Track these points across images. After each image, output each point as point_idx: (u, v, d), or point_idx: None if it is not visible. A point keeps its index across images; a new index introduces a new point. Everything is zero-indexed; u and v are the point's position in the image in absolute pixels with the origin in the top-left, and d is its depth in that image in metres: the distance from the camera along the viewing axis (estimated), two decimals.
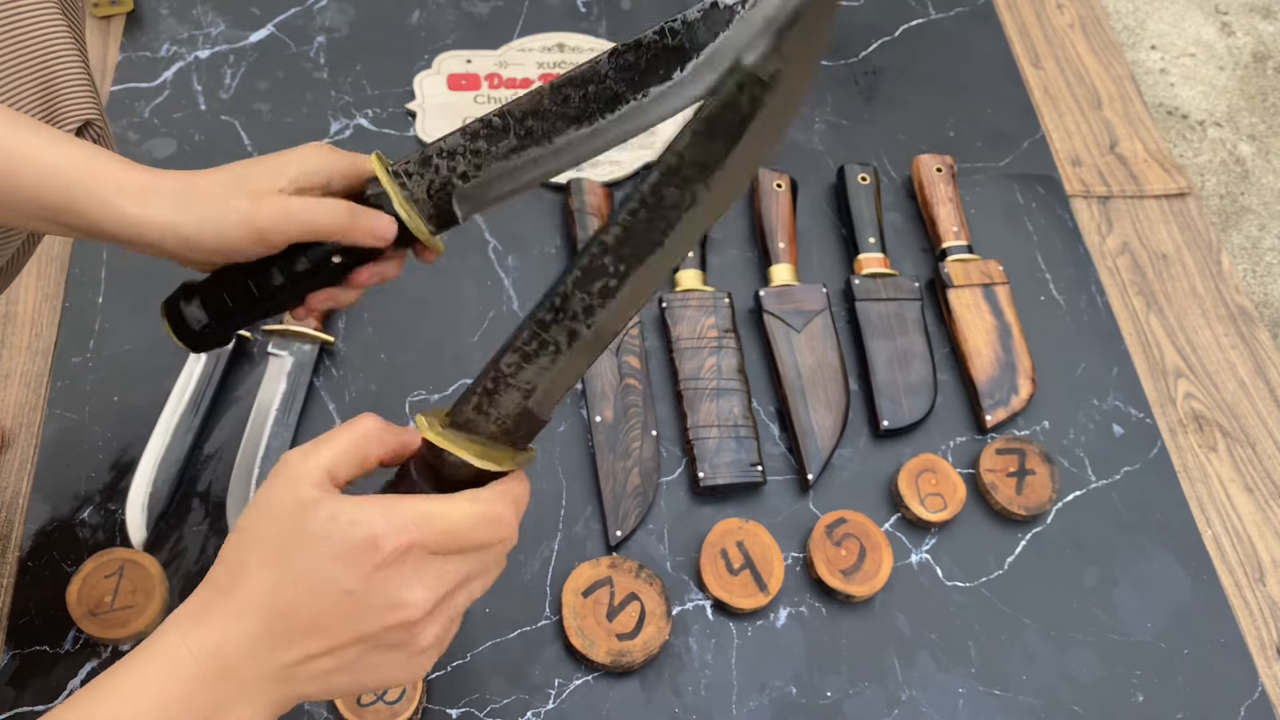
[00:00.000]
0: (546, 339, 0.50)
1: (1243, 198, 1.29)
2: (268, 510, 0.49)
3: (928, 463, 0.91)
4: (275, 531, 0.48)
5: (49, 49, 0.67)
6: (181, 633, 0.47)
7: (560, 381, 0.51)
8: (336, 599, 0.47)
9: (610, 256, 0.48)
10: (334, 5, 1.18)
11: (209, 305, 0.67)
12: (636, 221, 0.46)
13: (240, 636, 0.47)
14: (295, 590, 0.47)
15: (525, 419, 0.52)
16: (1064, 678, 0.85)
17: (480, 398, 0.52)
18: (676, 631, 0.84)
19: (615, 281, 0.48)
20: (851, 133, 1.15)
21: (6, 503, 0.85)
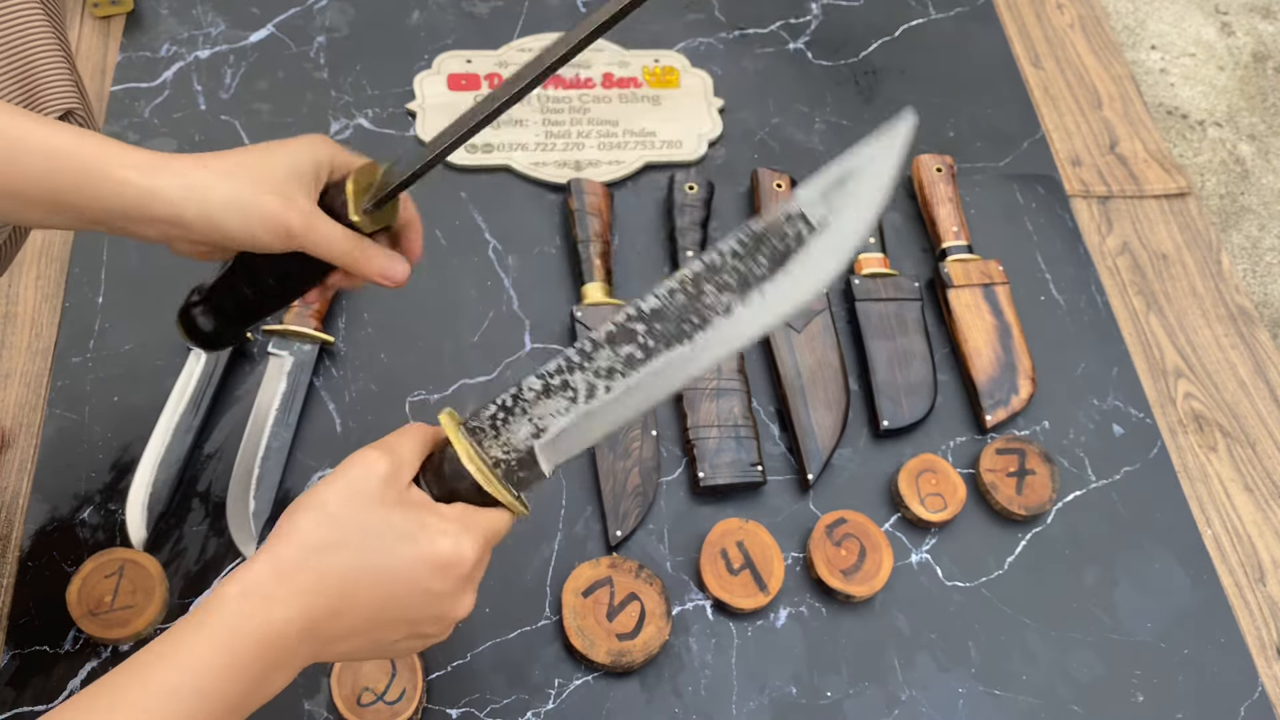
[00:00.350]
0: (569, 381, 0.53)
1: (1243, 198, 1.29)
2: (358, 498, 0.52)
3: (928, 463, 0.91)
4: (359, 520, 0.52)
5: (26, 40, 0.66)
6: (251, 606, 0.50)
7: (569, 437, 0.54)
8: (413, 594, 0.52)
9: (642, 325, 0.52)
10: (334, 5, 1.18)
11: (214, 309, 0.70)
12: (673, 302, 0.51)
13: (307, 617, 0.50)
14: (372, 579, 0.51)
15: (529, 462, 0.54)
16: (1064, 678, 0.85)
17: (498, 411, 0.54)
18: (676, 631, 0.84)
19: (642, 354, 0.52)
20: (851, 133, 1.15)
21: (6, 503, 0.85)
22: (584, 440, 0.54)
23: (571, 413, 0.53)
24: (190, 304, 0.71)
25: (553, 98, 1.13)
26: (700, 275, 0.51)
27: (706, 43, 1.20)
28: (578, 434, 0.54)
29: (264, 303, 0.69)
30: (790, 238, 0.49)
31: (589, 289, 0.97)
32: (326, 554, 0.51)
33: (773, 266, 0.49)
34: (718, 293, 0.50)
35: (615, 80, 1.15)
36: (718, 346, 0.51)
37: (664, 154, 1.10)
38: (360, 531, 0.52)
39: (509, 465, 0.55)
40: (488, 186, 1.07)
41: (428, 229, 1.02)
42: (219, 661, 0.48)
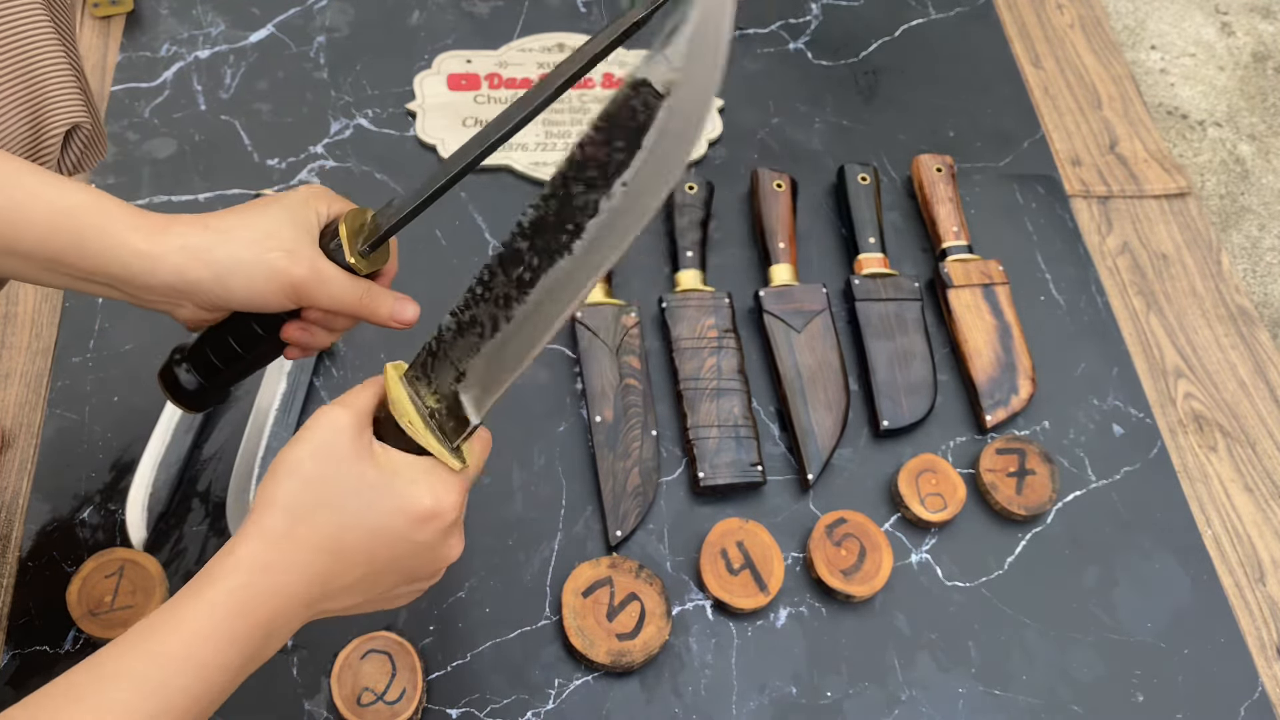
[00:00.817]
0: (475, 315, 0.51)
1: (1243, 198, 1.29)
2: (331, 457, 0.53)
3: (928, 463, 0.91)
4: (340, 477, 0.53)
5: (35, 53, 0.67)
6: (246, 577, 0.51)
7: (488, 376, 0.52)
8: (397, 547, 0.54)
9: (525, 243, 0.49)
10: (334, 5, 1.18)
11: (199, 367, 0.69)
12: (547, 211, 0.47)
13: (302, 580, 0.52)
14: (358, 536, 0.53)
15: (456, 409, 0.53)
16: (1064, 678, 0.85)
17: (425, 356, 0.54)
18: (676, 631, 0.84)
19: (529, 274, 0.49)
20: (851, 133, 1.15)
21: (6, 503, 0.85)
22: (499, 377, 0.52)
23: (483, 349, 0.52)
24: (173, 361, 0.70)
25: None
26: (566, 175, 0.47)
27: None
28: (493, 372, 0.52)
29: (252, 361, 0.69)
30: (640, 111, 0.44)
31: None
32: (311, 516, 0.52)
33: (629, 149, 0.44)
34: (585, 192, 0.46)
35: (615, 80, 1.15)
36: (596, 255, 0.47)
37: None
38: (339, 490, 0.53)
39: (441, 415, 0.54)
40: (488, 186, 1.07)
41: (428, 229, 1.03)
42: (219, 632, 0.50)
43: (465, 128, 1.09)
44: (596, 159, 0.45)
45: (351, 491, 0.53)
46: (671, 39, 0.42)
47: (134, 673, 0.49)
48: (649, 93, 0.43)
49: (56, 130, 0.67)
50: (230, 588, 0.51)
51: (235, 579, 0.51)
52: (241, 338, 0.67)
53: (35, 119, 0.66)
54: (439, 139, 1.08)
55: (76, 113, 0.68)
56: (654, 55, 0.43)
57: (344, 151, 1.07)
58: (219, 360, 0.68)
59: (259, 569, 0.51)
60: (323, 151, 1.07)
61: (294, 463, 0.53)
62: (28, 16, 0.67)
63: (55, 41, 0.68)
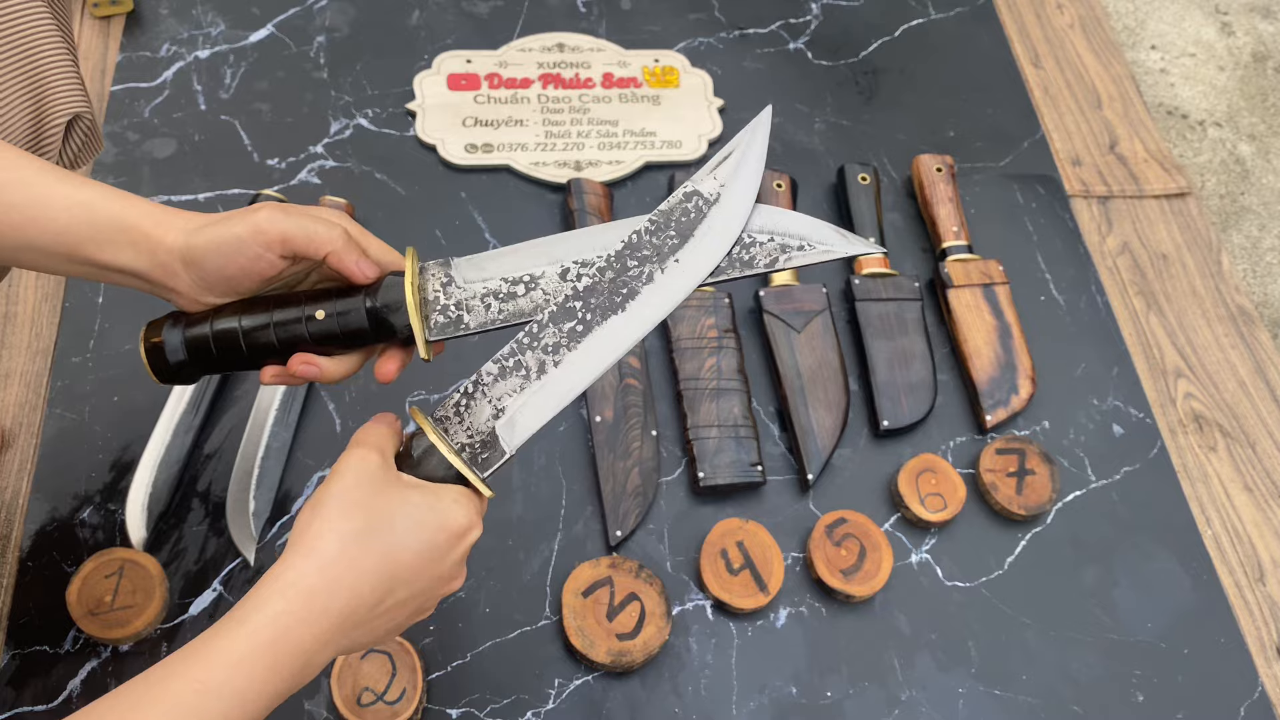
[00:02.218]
0: (521, 360, 0.59)
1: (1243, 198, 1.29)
2: (369, 484, 0.55)
3: (928, 463, 0.91)
4: (383, 504, 0.55)
5: (36, 44, 0.67)
6: (294, 604, 0.51)
7: (527, 414, 0.59)
8: (439, 567, 0.56)
9: (580, 302, 0.59)
10: (334, 5, 1.18)
11: (191, 342, 0.63)
12: (603, 279, 0.59)
13: (350, 603, 0.53)
14: (408, 554, 0.55)
15: (491, 442, 0.58)
16: (1064, 678, 0.85)
17: (460, 398, 0.59)
18: (676, 631, 0.84)
19: (581, 327, 0.59)
20: (851, 133, 1.15)
21: (6, 503, 0.85)
22: (539, 417, 0.59)
23: (526, 390, 0.59)
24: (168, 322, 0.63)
25: (553, 98, 1.13)
26: (622, 253, 0.60)
27: (706, 43, 1.20)
28: (534, 410, 0.59)
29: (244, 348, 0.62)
30: (692, 211, 0.60)
31: None
32: (363, 539, 0.54)
33: (681, 237, 0.59)
34: (640, 266, 0.59)
35: (615, 80, 1.15)
36: (647, 310, 0.59)
37: (664, 154, 1.10)
38: (388, 513, 0.55)
39: (473, 448, 0.59)
40: (488, 186, 1.07)
41: (428, 229, 1.03)
42: (260, 659, 0.50)
43: (465, 128, 1.09)
44: (652, 243, 0.59)
45: (400, 514, 0.55)
46: (721, 163, 0.60)
47: (173, 700, 0.49)
48: (700, 200, 0.60)
49: (58, 120, 0.67)
50: (274, 613, 0.51)
51: (280, 604, 0.51)
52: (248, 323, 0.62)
53: (38, 109, 0.67)
54: (439, 139, 1.08)
55: (77, 103, 0.68)
56: (706, 173, 0.60)
57: (344, 151, 1.07)
58: (215, 343, 0.62)
59: (305, 593, 0.52)
60: (323, 151, 1.07)
61: (340, 492, 0.54)
62: (28, 9, 0.67)
63: (56, 33, 0.68)
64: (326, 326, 0.61)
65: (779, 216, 0.61)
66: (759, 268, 0.60)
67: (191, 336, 0.62)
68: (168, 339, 0.62)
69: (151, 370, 0.62)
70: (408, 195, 1.05)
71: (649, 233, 0.59)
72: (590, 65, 1.16)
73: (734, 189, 0.60)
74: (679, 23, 1.21)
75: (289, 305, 0.61)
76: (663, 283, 0.59)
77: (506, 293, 0.61)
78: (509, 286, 0.61)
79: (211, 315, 0.62)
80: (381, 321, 0.61)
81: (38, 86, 0.67)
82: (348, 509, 0.54)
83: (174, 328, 0.62)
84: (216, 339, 0.62)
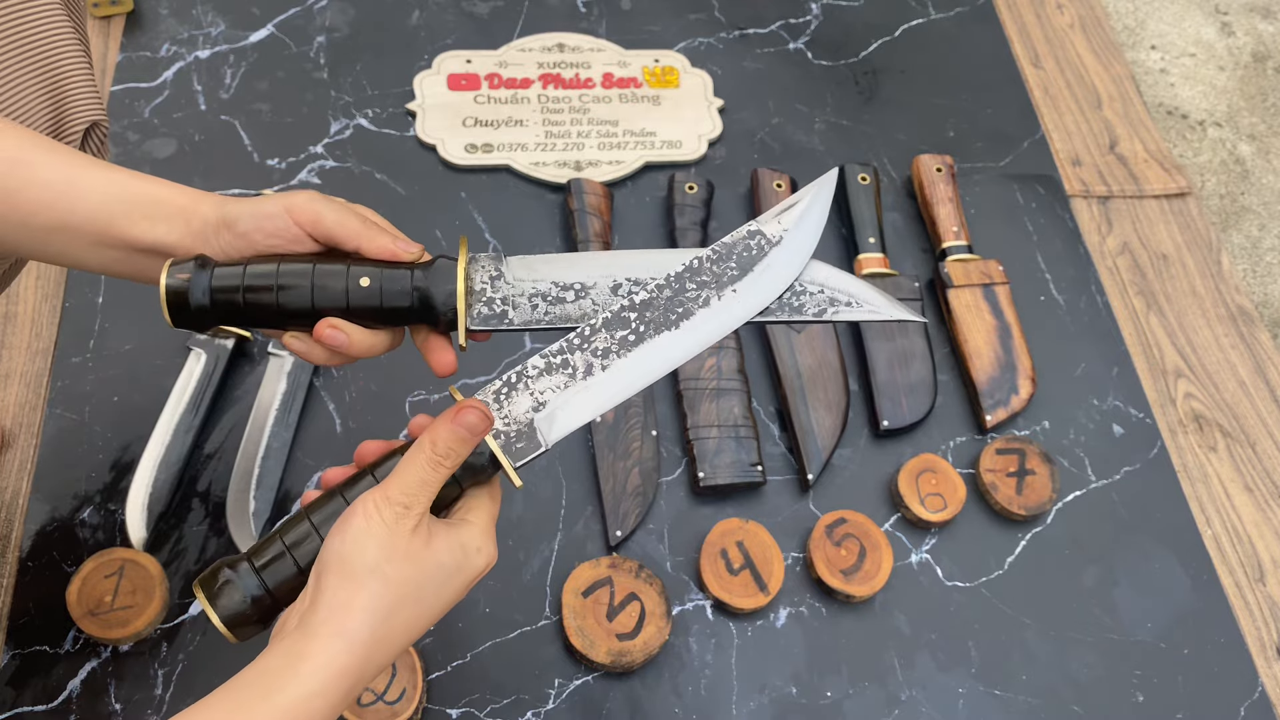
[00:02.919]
0: (569, 359, 0.60)
1: (1243, 198, 1.29)
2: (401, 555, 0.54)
3: (928, 463, 0.91)
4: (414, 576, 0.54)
5: (56, 50, 0.67)
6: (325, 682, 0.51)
7: (567, 412, 0.59)
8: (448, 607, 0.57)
9: (635, 314, 0.61)
10: (334, 5, 1.18)
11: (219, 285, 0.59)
12: (660, 296, 0.61)
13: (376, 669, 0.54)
14: (430, 617, 0.56)
15: (527, 433, 0.59)
16: (1064, 678, 0.85)
17: (502, 387, 0.60)
18: (676, 631, 0.84)
19: (634, 337, 0.60)
20: (851, 133, 1.15)
21: (6, 503, 0.85)
22: (579, 415, 0.60)
23: (570, 388, 0.60)
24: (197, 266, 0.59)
25: (553, 98, 1.13)
26: (683, 274, 0.62)
27: (706, 43, 1.20)
28: (575, 408, 0.60)
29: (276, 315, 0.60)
30: (754, 249, 0.63)
31: None
32: (395, 615, 0.54)
33: (741, 270, 0.62)
34: (698, 290, 0.62)
35: (615, 80, 1.15)
36: (700, 331, 0.62)
37: (664, 154, 1.10)
38: (418, 585, 0.54)
39: (507, 436, 0.59)
40: (488, 186, 1.07)
41: (428, 229, 1.03)
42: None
43: (465, 128, 1.09)
44: (712, 271, 0.62)
45: (429, 581, 0.55)
46: (788, 210, 0.64)
47: None
48: (764, 240, 0.63)
49: (77, 128, 0.68)
50: (305, 694, 0.50)
51: (312, 685, 0.51)
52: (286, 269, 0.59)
53: (57, 116, 0.67)
54: (439, 139, 1.08)
55: (95, 111, 0.69)
56: (771, 216, 0.63)
57: (344, 151, 1.07)
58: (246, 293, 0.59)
59: (337, 674, 0.51)
60: (323, 151, 1.07)
61: (371, 567, 0.53)
62: (49, 16, 0.67)
63: (75, 41, 0.69)
64: (368, 295, 0.59)
65: (832, 273, 0.64)
66: (806, 315, 0.63)
67: (220, 279, 0.58)
68: (195, 280, 0.58)
69: (169, 312, 0.59)
70: (408, 195, 1.05)
71: (710, 261, 0.62)
72: (590, 65, 1.16)
73: (796, 235, 0.63)
74: (679, 23, 1.21)
75: (333, 262, 0.59)
76: (717, 309, 0.62)
77: (555, 296, 0.62)
78: (559, 291, 0.62)
79: (246, 261, 0.59)
80: (426, 301, 0.60)
81: (57, 94, 0.67)
82: (382, 588, 0.53)
83: (202, 269, 0.58)
84: (248, 287, 0.58)
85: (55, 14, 0.68)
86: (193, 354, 0.90)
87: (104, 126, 0.70)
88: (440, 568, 0.55)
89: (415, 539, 0.54)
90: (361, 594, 0.53)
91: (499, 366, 0.95)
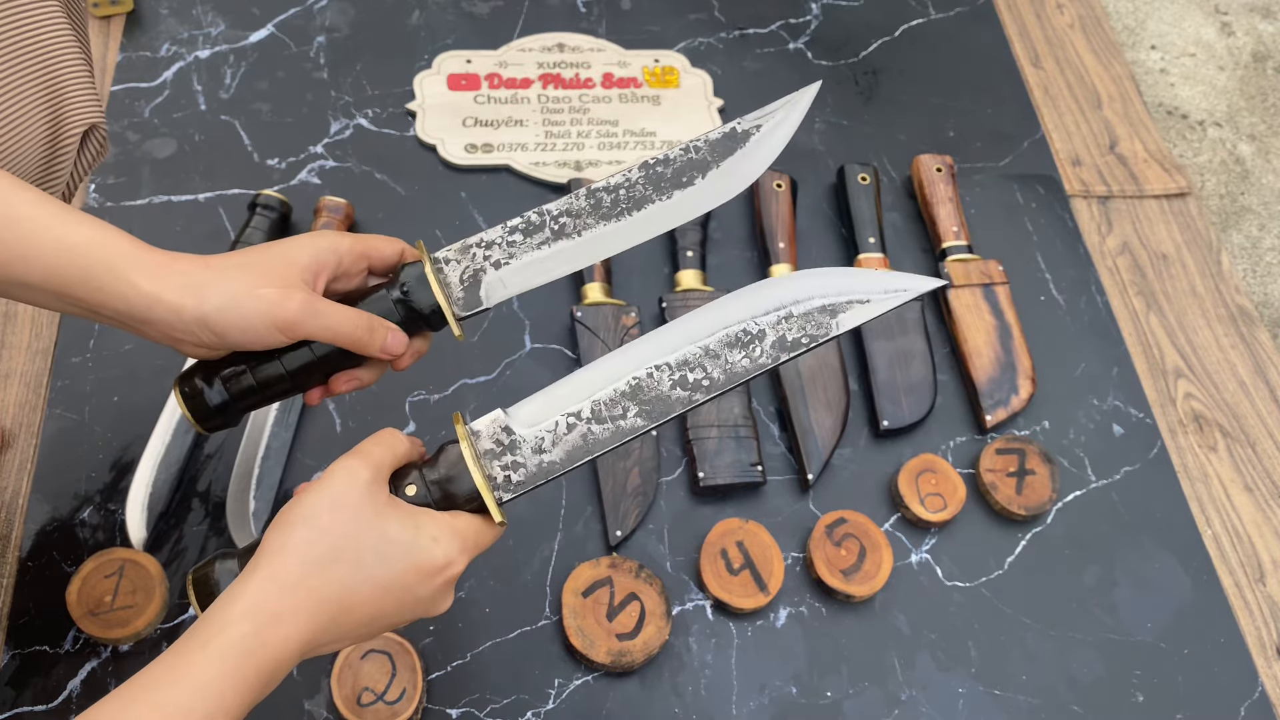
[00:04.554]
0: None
1: (1243, 198, 1.29)
2: (347, 510, 0.54)
3: (928, 463, 0.91)
4: (354, 531, 0.54)
5: (54, 53, 0.67)
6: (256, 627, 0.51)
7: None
8: (403, 600, 0.55)
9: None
10: (334, 5, 1.18)
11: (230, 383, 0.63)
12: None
13: (309, 629, 0.53)
14: (369, 589, 0.54)
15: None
16: (1064, 678, 0.85)
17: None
18: (676, 631, 0.84)
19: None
20: (851, 133, 1.15)
21: (6, 503, 0.85)
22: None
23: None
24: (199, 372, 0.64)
25: (553, 98, 1.13)
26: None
27: (706, 43, 1.20)
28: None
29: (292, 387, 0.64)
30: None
31: (589, 289, 0.97)
32: (325, 569, 0.53)
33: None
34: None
35: (615, 80, 1.15)
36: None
37: None
38: (356, 545, 0.53)
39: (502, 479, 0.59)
40: (488, 186, 1.07)
41: (428, 228, 1.03)
42: (227, 683, 0.50)
43: (465, 128, 1.09)
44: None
45: (370, 548, 0.54)
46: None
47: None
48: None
49: (75, 131, 0.67)
50: (240, 634, 0.51)
51: (245, 626, 0.51)
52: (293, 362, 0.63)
53: (55, 119, 0.67)
54: (439, 139, 1.08)
55: (93, 113, 0.68)
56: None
57: (344, 151, 1.07)
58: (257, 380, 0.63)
59: (269, 617, 0.51)
60: (323, 151, 1.07)
61: (310, 512, 0.53)
62: (49, 18, 0.67)
63: (74, 43, 0.68)
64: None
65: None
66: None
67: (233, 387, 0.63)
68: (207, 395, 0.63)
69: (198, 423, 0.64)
70: (408, 195, 1.05)
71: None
72: (590, 65, 1.16)
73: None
74: (679, 23, 1.21)
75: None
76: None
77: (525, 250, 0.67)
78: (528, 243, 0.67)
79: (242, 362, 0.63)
80: (410, 307, 0.64)
81: (56, 97, 0.67)
82: (315, 534, 0.53)
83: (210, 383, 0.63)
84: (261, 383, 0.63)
85: (55, 16, 0.67)
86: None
87: (102, 129, 0.70)
88: (384, 536, 0.54)
89: (367, 499, 0.54)
90: (293, 537, 0.53)
91: (499, 367, 0.95)
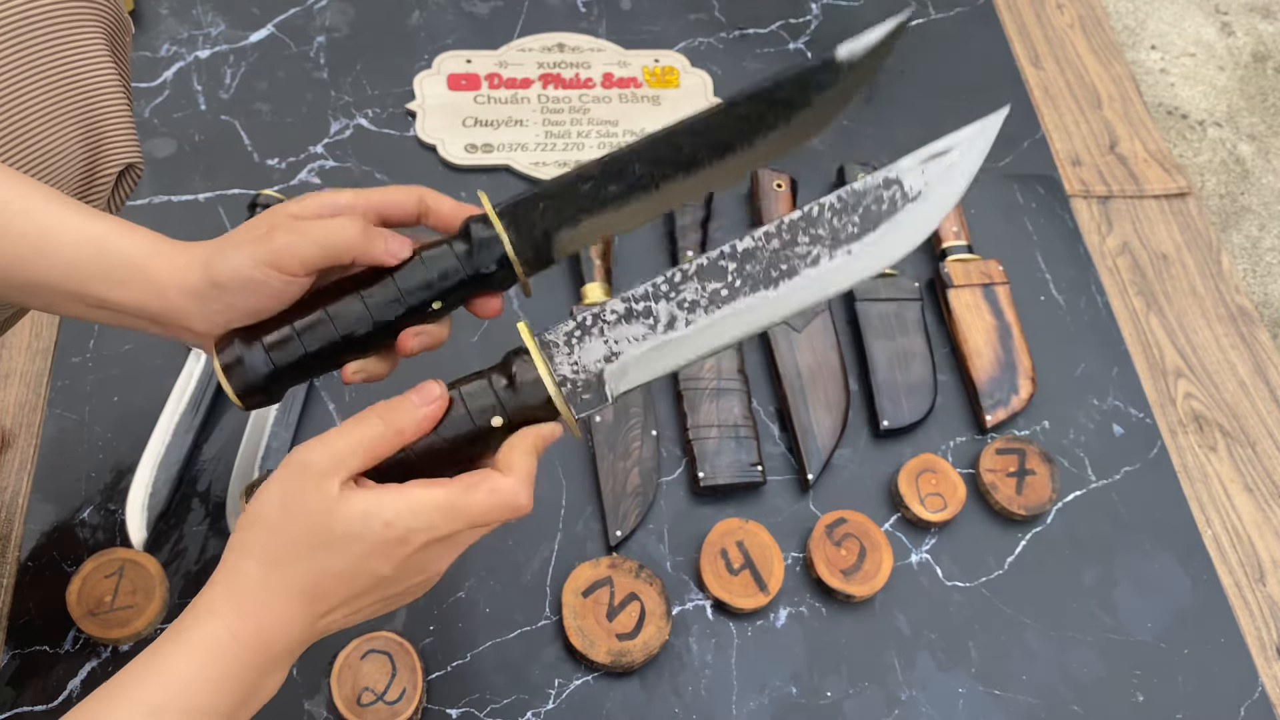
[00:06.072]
0: (652, 308, 0.54)
1: (1243, 198, 1.29)
2: (296, 507, 0.51)
3: (928, 463, 0.91)
4: (305, 528, 0.51)
5: (95, 89, 0.65)
6: (226, 621, 0.50)
7: (639, 366, 0.54)
8: (371, 581, 0.52)
9: (734, 264, 0.54)
10: (334, 5, 1.18)
11: (276, 349, 0.57)
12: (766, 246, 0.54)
13: (283, 623, 0.51)
14: (334, 581, 0.52)
15: (594, 384, 0.54)
16: (1064, 678, 0.85)
17: (575, 328, 0.55)
18: (676, 631, 0.84)
19: (727, 292, 0.53)
20: (851, 133, 1.15)
21: (6, 503, 0.85)
22: (650, 370, 0.55)
23: (648, 340, 0.54)
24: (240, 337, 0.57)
25: (553, 98, 1.13)
26: (796, 224, 0.54)
27: (706, 43, 1.20)
28: (647, 363, 0.54)
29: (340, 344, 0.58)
30: (885, 202, 0.54)
31: (589, 289, 0.97)
32: (282, 565, 0.51)
33: (864, 228, 0.54)
34: (809, 244, 0.54)
35: (615, 80, 1.15)
36: (801, 294, 0.54)
37: None
38: (305, 543, 0.51)
39: (574, 385, 0.55)
40: (488, 186, 1.07)
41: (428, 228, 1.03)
42: (204, 676, 0.49)
43: (465, 128, 1.09)
44: (831, 224, 0.54)
45: (320, 545, 0.51)
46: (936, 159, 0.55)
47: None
48: (899, 192, 0.54)
49: (111, 170, 0.66)
50: (211, 632, 0.50)
51: (214, 623, 0.50)
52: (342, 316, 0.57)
53: (92, 157, 0.65)
54: (439, 139, 1.08)
55: (131, 153, 0.67)
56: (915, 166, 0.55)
57: (344, 151, 1.07)
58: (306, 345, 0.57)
59: (236, 614, 0.51)
60: (323, 151, 1.07)
61: (260, 512, 0.52)
62: (91, 53, 0.65)
63: (116, 80, 0.67)
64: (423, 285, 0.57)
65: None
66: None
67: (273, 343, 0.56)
68: (247, 358, 0.56)
69: (239, 398, 0.58)
70: None
71: (832, 211, 0.54)
72: (590, 65, 1.16)
73: (939, 191, 0.54)
74: (679, 23, 1.21)
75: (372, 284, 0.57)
76: (826, 269, 0.54)
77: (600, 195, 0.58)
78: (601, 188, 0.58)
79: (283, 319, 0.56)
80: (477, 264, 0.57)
81: (94, 135, 0.65)
82: (266, 536, 0.51)
83: (249, 344, 0.56)
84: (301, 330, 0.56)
85: (98, 50, 0.66)
86: (192, 354, 0.90)
87: (139, 169, 0.68)
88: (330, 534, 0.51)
89: (315, 494, 0.51)
90: (248, 536, 0.52)
91: None
